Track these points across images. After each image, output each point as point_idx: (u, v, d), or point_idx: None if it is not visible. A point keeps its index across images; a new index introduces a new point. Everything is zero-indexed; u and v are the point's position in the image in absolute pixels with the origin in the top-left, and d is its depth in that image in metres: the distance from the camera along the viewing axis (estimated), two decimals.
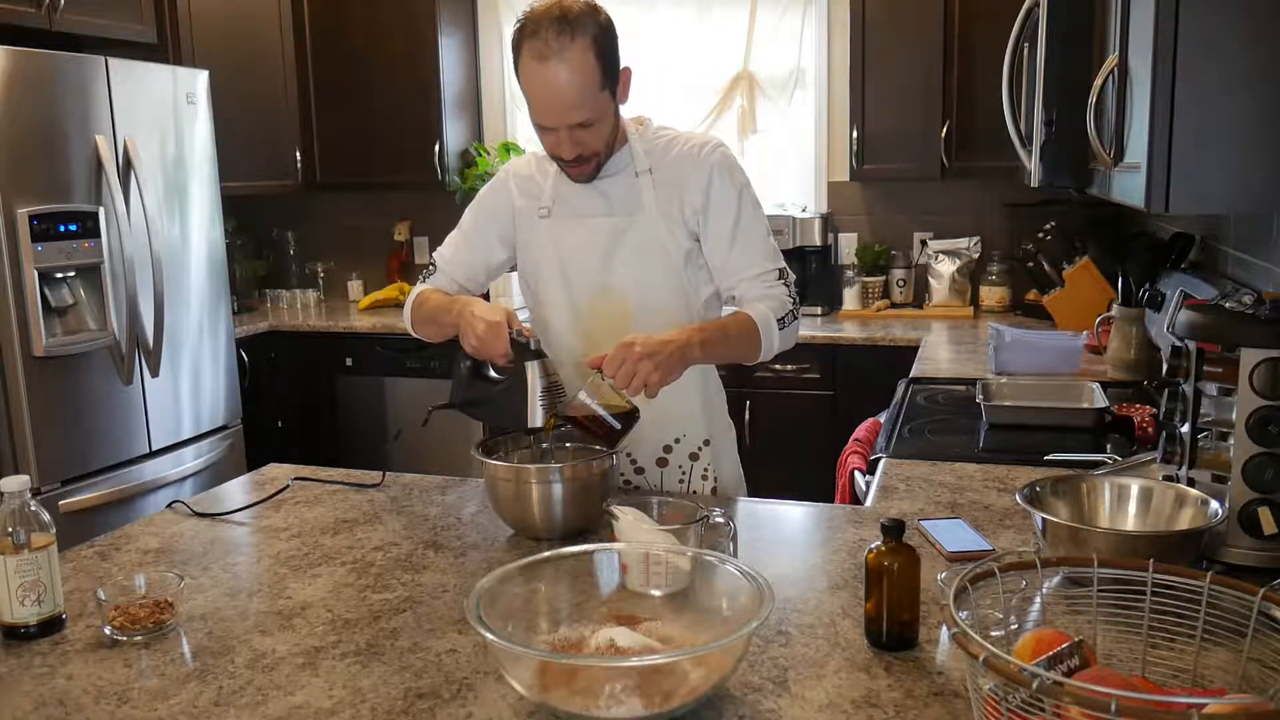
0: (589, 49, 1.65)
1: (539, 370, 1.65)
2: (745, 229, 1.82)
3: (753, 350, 1.79)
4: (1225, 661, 1.10)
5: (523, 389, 1.65)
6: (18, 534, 1.28)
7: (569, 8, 1.65)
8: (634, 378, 1.55)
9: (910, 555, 1.23)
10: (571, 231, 1.85)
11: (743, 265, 1.82)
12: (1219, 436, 1.42)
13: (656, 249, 1.81)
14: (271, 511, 1.80)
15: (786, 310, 1.81)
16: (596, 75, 1.67)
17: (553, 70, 1.64)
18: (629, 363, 1.55)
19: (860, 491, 2.16)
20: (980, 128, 3.73)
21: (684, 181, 1.81)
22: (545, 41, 1.64)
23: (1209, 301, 1.56)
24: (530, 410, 1.65)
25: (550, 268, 1.88)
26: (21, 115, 2.93)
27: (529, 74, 1.68)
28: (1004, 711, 0.91)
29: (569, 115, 1.68)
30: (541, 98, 1.69)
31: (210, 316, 3.64)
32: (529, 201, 1.90)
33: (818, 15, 4.21)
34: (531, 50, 1.66)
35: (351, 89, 4.36)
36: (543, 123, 1.72)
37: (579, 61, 1.65)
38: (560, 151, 1.74)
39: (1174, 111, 1.42)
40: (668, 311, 1.82)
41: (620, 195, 1.83)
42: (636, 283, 1.83)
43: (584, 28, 1.65)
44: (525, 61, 1.68)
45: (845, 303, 4.14)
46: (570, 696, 1.05)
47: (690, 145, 1.84)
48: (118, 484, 3.23)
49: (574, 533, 1.60)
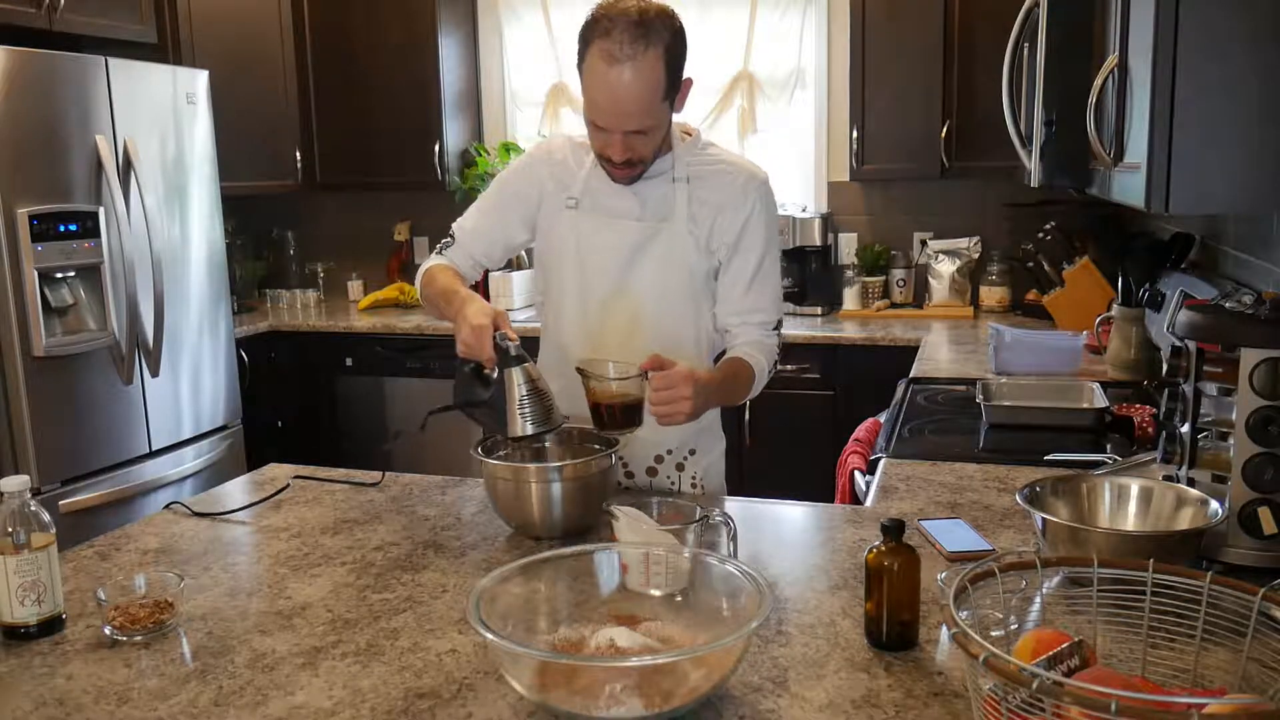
0: (660, 59, 1.60)
1: (520, 377, 1.62)
2: (765, 275, 1.84)
3: (740, 399, 1.86)
4: (1225, 661, 1.09)
5: (504, 395, 1.63)
6: (18, 534, 1.28)
7: (647, 10, 1.60)
8: (670, 405, 1.59)
9: (910, 555, 1.23)
10: (597, 230, 1.83)
11: (752, 309, 1.85)
12: (1219, 436, 1.42)
13: (678, 259, 1.81)
14: (271, 511, 1.80)
15: (773, 362, 1.86)
16: (662, 86, 1.63)
17: (620, 75, 1.59)
18: (675, 390, 1.58)
19: (860, 491, 2.16)
20: (980, 128, 3.73)
21: (722, 208, 1.80)
22: (619, 44, 1.58)
23: (1209, 301, 1.56)
24: (510, 418, 1.62)
25: (569, 260, 1.85)
26: (21, 115, 2.93)
27: (594, 73, 1.62)
28: (1004, 711, 0.91)
29: (627, 122, 1.65)
30: (603, 100, 1.64)
31: (210, 316, 3.64)
32: (558, 187, 1.86)
33: (818, 15, 4.21)
34: (602, 50, 1.59)
35: (351, 89, 4.36)
36: (598, 123, 1.68)
37: (648, 71, 1.60)
38: (610, 153, 1.71)
39: (1174, 111, 1.42)
40: (677, 321, 1.84)
41: (653, 200, 1.81)
42: (652, 289, 1.82)
43: (659, 36, 1.59)
44: (592, 59, 1.61)
45: (845, 303, 4.14)
46: (570, 696, 1.05)
47: (736, 174, 1.82)
48: (118, 484, 3.23)
49: (574, 532, 1.60)
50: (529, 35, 4.50)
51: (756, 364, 1.81)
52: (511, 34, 4.54)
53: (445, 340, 4.04)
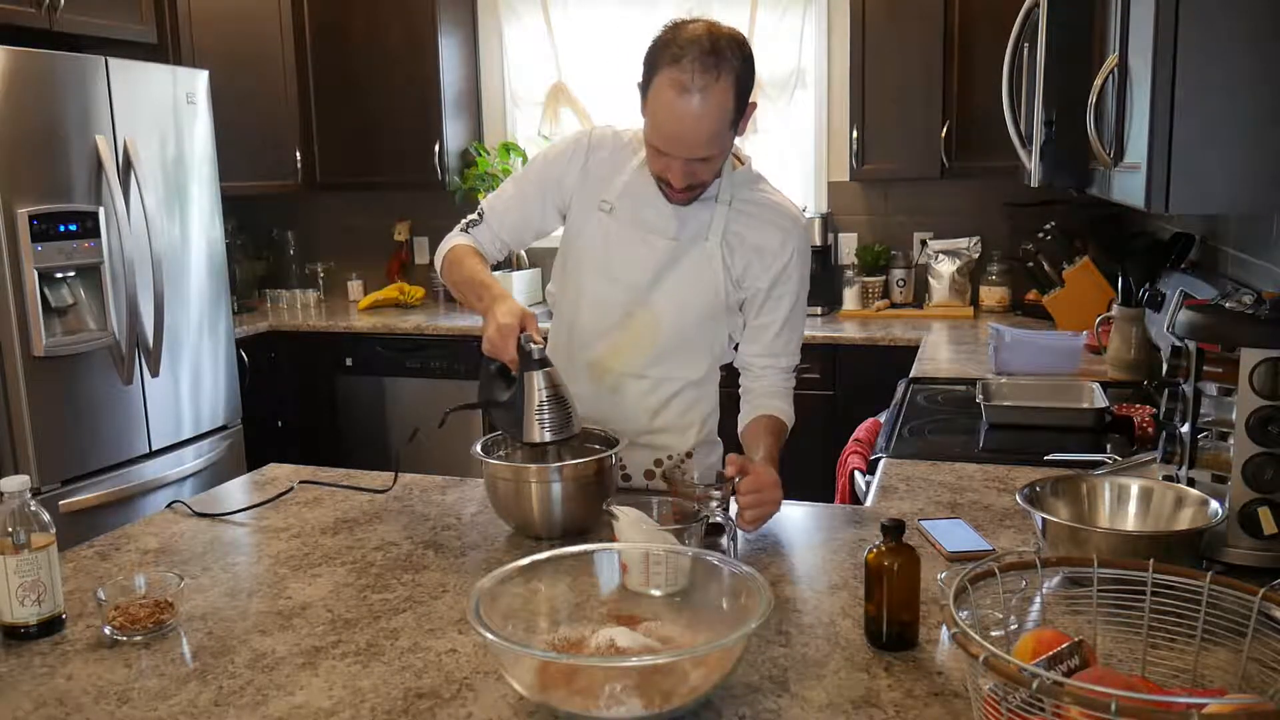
0: (730, 89, 1.56)
1: (542, 381, 1.60)
2: (793, 323, 1.85)
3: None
4: (1225, 661, 1.10)
5: (523, 400, 1.61)
6: (18, 534, 1.28)
7: (718, 38, 1.56)
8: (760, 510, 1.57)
9: (910, 555, 1.23)
10: (628, 242, 1.79)
11: (779, 353, 1.86)
12: (1219, 436, 1.42)
13: (706, 281, 1.79)
14: (271, 512, 1.80)
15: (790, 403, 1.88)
16: (730, 116, 1.59)
17: (688, 106, 1.55)
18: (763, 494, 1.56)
19: (860, 491, 2.16)
20: (980, 128, 3.73)
21: (760, 251, 1.79)
22: (690, 75, 1.54)
23: (1209, 301, 1.56)
24: (527, 422, 1.60)
25: (595, 264, 1.83)
26: (21, 115, 2.93)
27: (662, 100, 1.57)
28: (1004, 711, 0.91)
29: (694, 151, 1.62)
30: (670, 129, 1.60)
31: (210, 316, 3.64)
32: (595, 183, 1.81)
33: (818, 15, 4.21)
34: (671, 79, 1.55)
35: (351, 89, 4.36)
36: (663, 150, 1.63)
37: (718, 102, 1.56)
38: (670, 177, 1.67)
39: (1174, 111, 1.42)
40: (696, 334, 1.84)
41: (692, 221, 1.78)
42: (675, 304, 1.80)
43: (730, 66, 1.55)
44: (661, 86, 1.57)
45: (845, 303, 4.14)
46: (570, 696, 1.05)
47: (780, 220, 1.80)
48: (118, 484, 3.23)
49: (574, 532, 1.60)
50: (529, 35, 4.50)
51: (788, 418, 1.85)
52: (511, 34, 4.54)
53: (445, 340, 4.07)
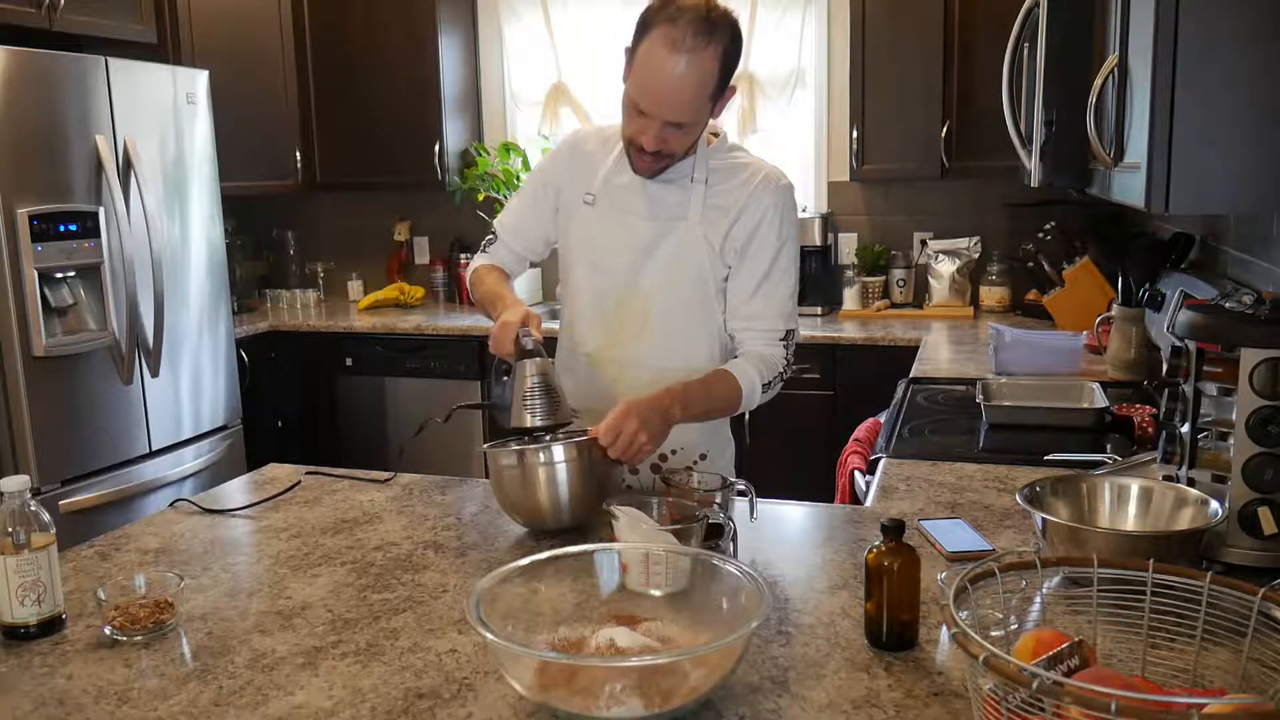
0: (717, 58, 1.62)
1: (531, 369, 1.64)
2: (773, 283, 1.81)
3: (729, 411, 1.81)
4: (1225, 661, 1.10)
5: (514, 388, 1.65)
6: (18, 534, 1.28)
7: (714, 10, 1.61)
8: (628, 448, 1.57)
9: (910, 555, 1.23)
10: (610, 231, 1.82)
11: (756, 316, 1.82)
12: (1219, 436, 1.42)
13: (689, 260, 1.80)
14: (271, 511, 1.80)
15: (776, 373, 1.81)
16: (712, 85, 1.64)
17: (676, 64, 1.60)
18: (625, 435, 1.57)
19: (860, 491, 2.16)
20: (980, 128, 3.72)
21: (735, 213, 1.79)
22: (683, 34, 1.58)
23: (1209, 301, 1.56)
24: (515, 408, 1.64)
25: (583, 257, 1.86)
26: (21, 115, 2.93)
27: (652, 56, 1.61)
28: (1004, 711, 0.91)
29: (672, 113, 1.65)
30: (653, 84, 1.63)
31: (210, 316, 3.63)
32: (580, 180, 1.86)
33: (818, 15, 4.21)
34: (664, 36, 1.60)
35: (351, 89, 4.36)
36: (641, 106, 1.66)
37: (704, 67, 1.61)
38: (642, 140, 1.69)
39: (1174, 111, 1.42)
40: (689, 321, 1.83)
41: (669, 201, 1.80)
42: (662, 288, 1.81)
43: (721, 35, 1.61)
44: (653, 42, 1.61)
45: (845, 303, 4.14)
46: (570, 696, 1.05)
47: (752, 176, 1.81)
48: (118, 484, 3.23)
49: (582, 519, 1.60)
50: (529, 35, 4.50)
51: (744, 376, 1.76)
52: (511, 34, 4.54)
53: (445, 340, 4.07)
